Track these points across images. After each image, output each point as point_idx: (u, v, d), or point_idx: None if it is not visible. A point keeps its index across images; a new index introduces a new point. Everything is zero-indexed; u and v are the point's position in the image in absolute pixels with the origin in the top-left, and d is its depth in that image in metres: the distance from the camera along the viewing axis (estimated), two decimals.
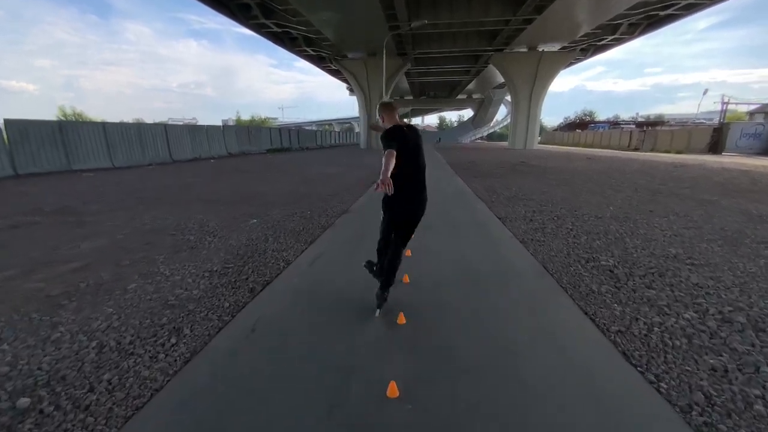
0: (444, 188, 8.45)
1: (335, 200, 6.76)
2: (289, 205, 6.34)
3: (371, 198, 7.07)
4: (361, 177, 10.63)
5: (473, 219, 5.33)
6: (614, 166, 14.68)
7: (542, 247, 3.96)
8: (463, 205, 6.49)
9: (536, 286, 3.01)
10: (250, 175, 11.06)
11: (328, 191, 7.86)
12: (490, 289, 2.95)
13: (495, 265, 3.49)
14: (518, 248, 3.97)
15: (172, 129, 17.23)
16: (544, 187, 8.63)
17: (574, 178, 10.36)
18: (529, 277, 3.20)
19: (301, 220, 5.21)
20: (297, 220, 5.17)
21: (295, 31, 29.67)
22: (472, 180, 9.94)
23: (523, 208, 6.06)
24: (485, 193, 7.61)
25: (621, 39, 32.81)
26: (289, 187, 8.54)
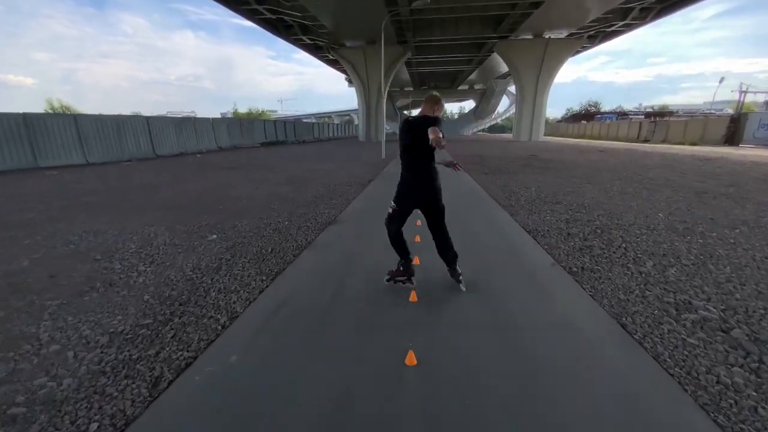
0: (454, 188, 7.28)
1: (323, 205, 5.60)
2: (264, 212, 5.20)
3: (367, 201, 5.92)
4: (356, 174, 9.45)
5: (495, 234, 4.16)
6: (634, 160, 13.47)
7: (601, 283, 2.81)
8: (479, 211, 5.33)
9: (633, 374, 1.82)
10: (233, 173, 9.89)
11: (315, 193, 6.71)
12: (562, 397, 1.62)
13: (551, 330, 2.15)
14: (569, 286, 2.82)
15: (155, 122, 15.98)
16: (567, 185, 7.46)
17: (596, 175, 9.17)
18: (610, 351, 1.97)
19: (274, 235, 4.07)
20: (267, 236, 4.02)
21: (290, 17, 28.15)
22: (483, 178, 8.76)
23: (552, 215, 4.91)
24: (502, 195, 6.45)
25: (632, 25, 31.21)
26: (271, 187, 7.38)
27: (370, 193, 6.64)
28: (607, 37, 35.01)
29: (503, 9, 25.61)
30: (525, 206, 5.52)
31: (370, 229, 4.17)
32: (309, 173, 9.68)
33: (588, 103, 58.22)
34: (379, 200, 5.93)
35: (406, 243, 2.81)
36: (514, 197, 6.22)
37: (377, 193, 6.69)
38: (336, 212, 5.16)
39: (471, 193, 6.83)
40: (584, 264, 3.16)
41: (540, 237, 3.94)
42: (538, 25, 28.79)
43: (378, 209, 5.18)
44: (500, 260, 3.29)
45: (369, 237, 3.93)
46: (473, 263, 3.13)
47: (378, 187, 7.46)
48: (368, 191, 6.89)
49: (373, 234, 4.03)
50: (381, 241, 3.76)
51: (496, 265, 3.18)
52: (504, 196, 6.36)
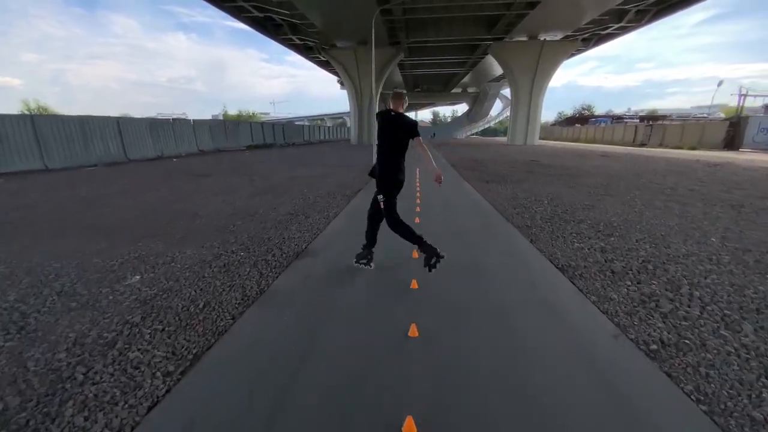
0: (454, 202, 6.26)
1: (295, 226, 4.53)
2: (220, 235, 4.11)
3: (350, 220, 4.86)
4: (343, 182, 8.39)
5: (518, 275, 3.09)
6: (640, 166, 12.65)
7: (709, 382, 1.79)
8: (489, 235, 4.31)
9: None
10: (205, 180, 8.76)
11: (291, 207, 5.63)
12: None
13: None
14: (660, 391, 1.80)
15: (127, 123, 14.73)
16: (584, 197, 6.50)
17: (610, 183, 8.26)
18: None
19: (217, 276, 2.98)
20: (208, 279, 2.94)
21: (278, 16, 27.08)
22: (485, 187, 7.77)
23: (581, 240, 3.91)
24: (512, 210, 5.44)
25: (627, 27, 30.82)
26: (242, 199, 6.28)
27: (357, 208, 5.58)
28: (601, 40, 34.65)
29: (499, 9, 24.90)
30: (543, 227, 4.52)
31: (349, 267, 3.12)
32: (290, 181, 8.59)
33: (581, 107, 58.09)
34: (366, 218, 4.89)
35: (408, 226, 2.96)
36: (528, 214, 5.22)
37: (364, 207, 5.63)
38: (310, 236, 4.09)
39: (475, 207, 5.81)
40: (661, 334, 2.14)
41: (578, 278, 2.92)
42: (534, 26, 28.20)
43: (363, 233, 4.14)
44: (537, 329, 2.23)
45: (346, 280, 2.88)
46: (499, 343, 2.09)
47: (366, 199, 6.40)
48: (354, 205, 5.83)
49: (353, 275, 2.98)
50: (363, 289, 2.72)
51: (536, 345, 2.12)
52: (515, 211, 5.36)
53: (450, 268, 3.01)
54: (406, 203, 5.75)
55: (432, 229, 4.17)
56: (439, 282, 2.81)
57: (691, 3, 25.77)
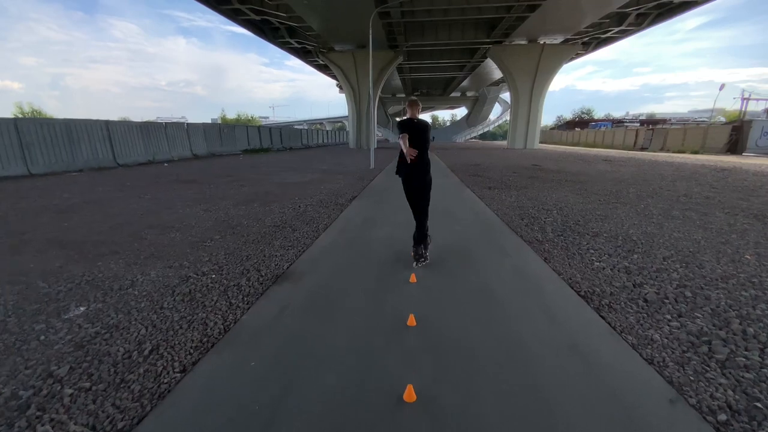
0: (456, 211, 5.80)
1: (279, 241, 4.06)
2: (192, 253, 3.64)
3: (342, 233, 4.39)
4: (337, 190, 7.94)
5: (533, 305, 2.62)
6: (646, 171, 12.24)
7: None
8: (496, 251, 3.85)
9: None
10: (190, 187, 8.29)
11: (278, 218, 5.16)
12: None
13: None
14: None
15: (116, 127, 14.27)
16: (594, 206, 6.06)
17: (619, 190, 7.82)
18: None
19: (180, 306, 2.51)
20: (167, 310, 2.46)
21: (275, 18, 26.81)
22: (488, 194, 7.33)
23: (601, 259, 3.46)
24: (519, 221, 4.98)
25: (627, 31, 30.66)
26: (226, 209, 5.81)
27: (349, 219, 5.11)
28: (601, 44, 34.50)
29: (498, 12, 24.64)
30: (556, 241, 4.06)
31: (335, 295, 2.65)
32: (281, 188, 8.13)
33: (581, 111, 57.97)
34: (359, 231, 4.42)
35: None
36: (537, 225, 4.76)
37: (358, 218, 5.18)
38: (294, 253, 3.62)
39: (479, 217, 5.35)
40: (725, 394, 1.67)
41: (607, 310, 2.46)
42: (533, 30, 27.96)
43: (355, 249, 3.67)
44: (568, 391, 1.75)
45: (330, 314, 2.41)
46: (519, 412, 1.61)
47: (361, 208, 5.95)
48: (347, 215, 5.37)
49: (339, 306, 2.51)
50: (348, 327, 2.24)
51: (571, 417, 1.65)
52: (523, 222, 4.90)
53: (455, 295, 2.55)
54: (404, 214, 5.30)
55: (434, 246, 3.71)
56: (442, 315, 2.35)
57: (691, 6, 25.62)
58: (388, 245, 3.88)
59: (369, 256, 3.49)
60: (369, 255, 3.54)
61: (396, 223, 4.68)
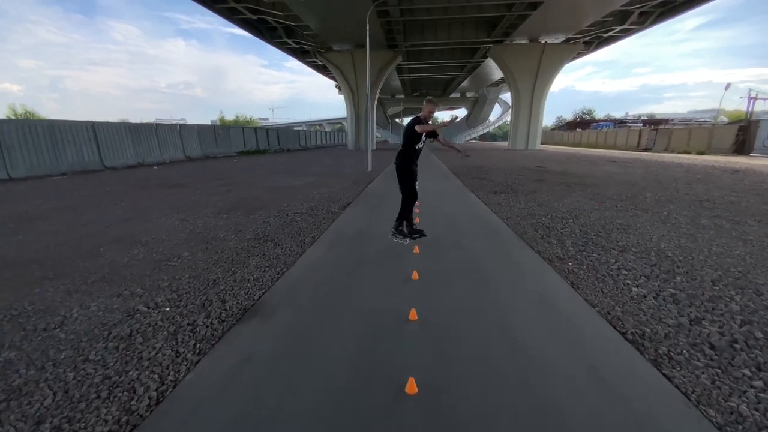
0: (461, 219, 5.23)
1: (255, 259, 3.48)
2: (153, 274, 3.07)
3: (332, 248, 3.82)
4: (331, 194, 7.37)
5: (570, 354, 2.03)
6: (657, 173, 11.68)
7: None
8: (511, 272, 3.28)
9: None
10: (175, 192, 7.72)
11: (261, 229, 4.59)
12: None
13: None
14: None
15: (104, 128, 13.69)
16: (612, 213, 5.49)
17: (634, 194, 7.26)
18: None
19: (109, 358, 1.92)
20: (90, 365, 1.88)
21: (272, 18, 26.30)
22: (494, 199, 6.75)
23: (639, 284, 2.89)
24: (533, 233, 4.41)
25: (629, 30, 30.20)
26: (205, 218, 5.23)
27: (341, 231, 4.53)
28: (602, 43, 34.05)
29: (499, 10, 24.13)
30: (580, 258, 3.49)
31: (314, 344, 2.08)
32: (271, 192, 7.56)
33: (582, 111, 57.50)
34: (350, 246, 3.85)
35: None
36: (554, 237, 4.19)
37: (351, 229, 4.60)
38: (271, 276, 3.04)
39: (488, 228, 4.77)
40: None
41: (667, 363, 1.88)
42: (535, 29, 27.47)
43: (343, 269, 3.11)
44: None
45: (307, 373, 1.83)
46: None
47: (355, 217, 5.37)
48: (339, 226, 4.79)
49: (322, 363, 1.92)
50: (330, 395, 1.65)
51: None
52: (537, 234, 4.33)
53: (469, 346, 1.97)
54: None
55: (436, 264, 3.15)
56: (448, 380, 1.77)
57: (695, 5, 25.13)
58: (382, 264, 3.31)
59: (360, 283, 2.92)
60: (360, 279, 2.97)
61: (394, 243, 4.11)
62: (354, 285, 2.85)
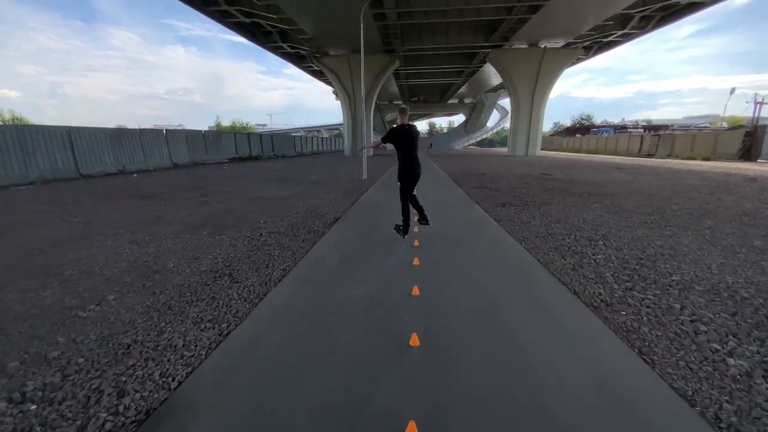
0: (468, 241, 4.37)
1: (198, 306, 2.60)
2: (45, 337, 2.18)
3: (306, 285, 2.94)
4: (318, 208, 6.51)
5: None
6: (671, 181, 10.89)
7: None
8: (545, 324, 2.40)
9: None
10: (141, 206, 6.84)
11: (221, 256, 3.71)
12: None
13: None
14: None
15: (81, 134, 12.82)
16: (645, 231, 4.65)
17: (660, 207, 6.44)
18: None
19: None
20: None
21: (266, 21, 25.64)
22: (503, 213, 5.90)
23: (735, 354, 2.04)
24: (561, 261, 3.54)
25: (630, 35, 29.81)
26: (160, 240, 4.35)
27: (321, 260, 3.64)
28: (602, 48, 33.67)
29: (499, 14, 23.59)
30: (632, 303, 2.63)
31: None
32: (250, 205, 6.69)
33: (580, 117, 57.21)
34: (328, 286, 2.97)
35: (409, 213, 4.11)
36: (588, 267, 3.33)
37: (333, 257, 3.72)
38: (210, 338, 2.16)
39: (501, 253, 3.90)
40: None
41: None
42: (534, 33, 26.99)
43: (315, 330, 2.19)
44: None
45: None
46: None
47: (341, 238, 4.51)
48: (319, 252, 3.90)
49: None
50: None
51: None
52: (566, 263, 3.46)
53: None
54: (398, 249, 3.86)
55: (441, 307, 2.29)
56: None
57: (697, 8, 24.70)
58: (370, 315, 2.44)
59: (334, 356, 2.04)
60: (334, 350, 2.10)
61: (386, 269, 3.25)
62: (326, 358, 1.97)
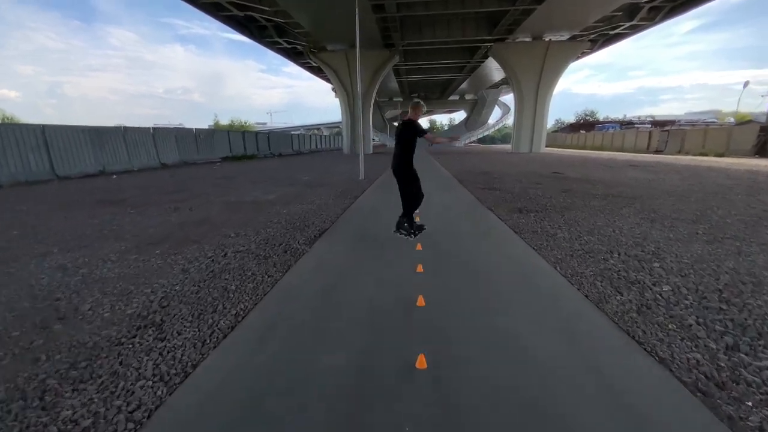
0: (485, 266, 3.45)
1: (86, 389, 1.72)
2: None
3: (257, 348, 2.04)
4: (304, 214, 5.60)
5: None
6: (696, 179, 9.94)
7: None
8: None
9: None
10: (101, 214, 5.95)
11: (164, 288, 2.82)
12: None
13: None
14: None
15: (57, 132, 11.92)
16: (708, 248, 3.72)
17: (702, 212, 5.51)
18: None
19: None
20: None
21: (260, 15, 24.62)
22: (522, 221, 4.98)
23: None
24: (615, 296, 2.61)
25: (638, 27, 28.74)
26: (91, 267, 3.45)
27: (290, 299, 2.70)
28: (608, 41, 32.61)
29: (502, 4, 22.55)
30: (749, 377, 1.74)
31: None
32: (227, 212, 5.78)
33: (584, 113, 56.09)
34: (303, 338, 2.06)
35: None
36: (656, 305, 2.41)
37: (307, 292, 2.81)
38: None
39: (531, 286, 2.99)
40: None
41: None
42: (539, 25, 25.94)
43: None
44: None
45: None
46: None
47: (324, 262, 3.59)
48: (291, 282, 2.97)
49: None
50: None
51: None
52: (626, 299, 2.54)
53: None
54: (397, 280, 2.96)
55: (459, 391, 1.40)
56: None
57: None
58: (362, 399, 1.55)
59: None
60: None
61: (378, 316, 2.35)
62: None
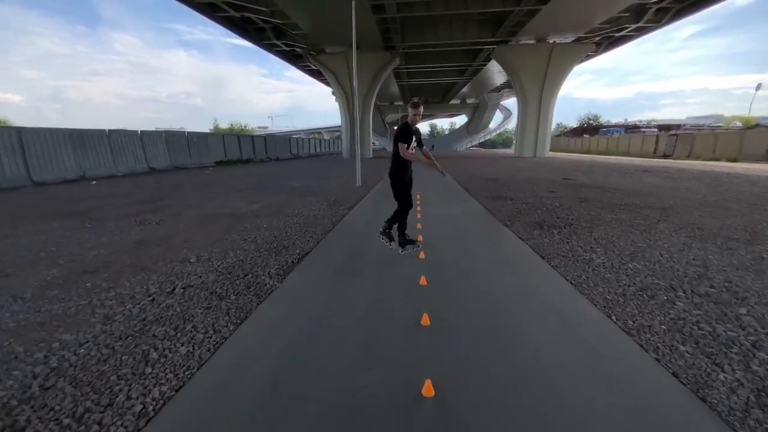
0: (516, 313, 2.61)
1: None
2: None
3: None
4: (287, 229, 4.78)
5: None
6: (717, 186, 9.12)
7: None
8: None
9: None
10: (46, 230, 5.13)
11: (56, 355, 2.01)
12: None
13: None
14: None
15: (33, 135, 11.15)
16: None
17: (755, 228, 4.68)
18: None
19: None
20: None
21: (258, 16, 24.01)
22: (546, 242, 4.14)
23: None
24: (717, 374, 1.82)
25: (644, 29, 28.08)
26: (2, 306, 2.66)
27: (241, 362, 1.92)
28: (613, 44, 31.97)
29: (506, 5, 21.89)
30: None
31: None
32: (197, 227, 4.96)
33: (587, 117, 55.42)
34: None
35: None
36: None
37: (275, 348, 2.00)
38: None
39: (582, 351, 2.16)
40: None
41: None
42: (543, 27, 25.29)
43: None
44: None
45: None
46: None
47: (300, 303, 2.78)
48: (246, 346, 2.16)
49: None
50: None
51: None
52: (736, 383, 1.74)
53: None
54: (393, 339, 2.13)
55: None
56: None
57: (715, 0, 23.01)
58: None
59: None
60: None
61: (366, 402, 1.52)
62: None
